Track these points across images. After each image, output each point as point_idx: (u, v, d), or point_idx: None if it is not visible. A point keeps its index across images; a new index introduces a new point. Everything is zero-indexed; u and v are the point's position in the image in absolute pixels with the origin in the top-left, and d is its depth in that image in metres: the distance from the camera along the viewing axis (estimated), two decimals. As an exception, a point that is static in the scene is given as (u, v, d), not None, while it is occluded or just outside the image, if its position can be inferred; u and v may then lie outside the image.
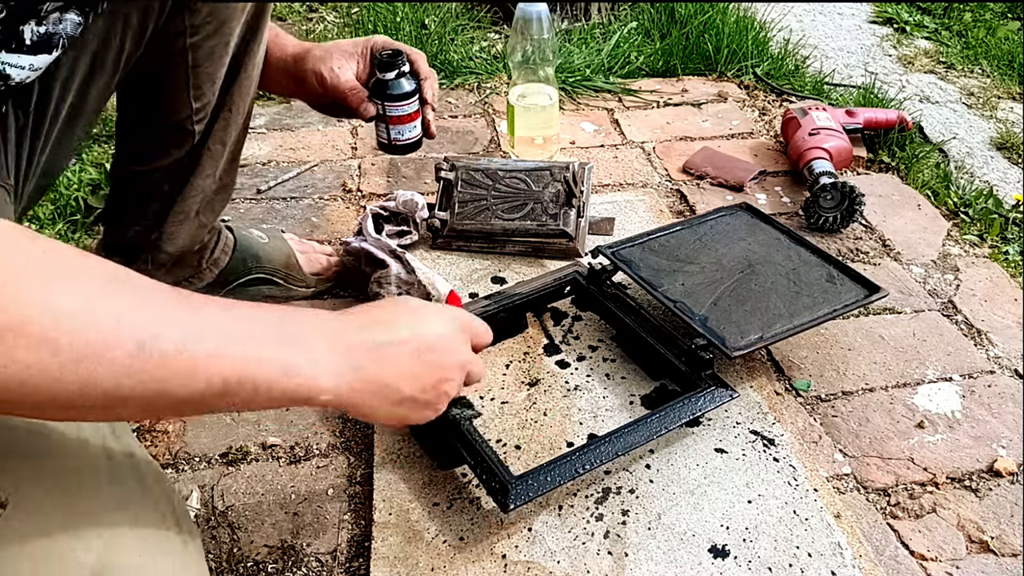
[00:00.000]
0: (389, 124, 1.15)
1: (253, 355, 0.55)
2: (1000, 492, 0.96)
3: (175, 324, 0.52)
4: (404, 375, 0.66)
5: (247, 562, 0.86)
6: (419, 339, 0.67)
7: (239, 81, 1.02)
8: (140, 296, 0.52)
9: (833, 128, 1.55)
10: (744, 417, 1.01)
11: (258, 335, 0.57)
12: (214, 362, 0.53)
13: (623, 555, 0.84)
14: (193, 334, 0.52)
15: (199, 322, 0.54)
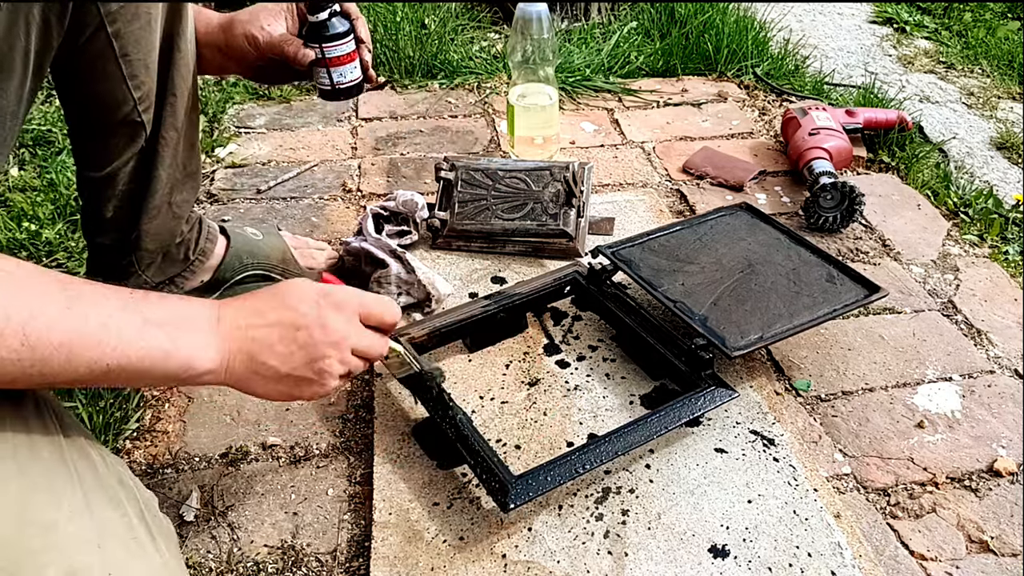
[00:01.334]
0: (330, 67, 1.10)
1: (134, 341, 0.62)
2: (1000, 492, 0.96)
3: (57, 315, 0.59)
4: (275, 354, 0.71)
5: (247, 562, 0.86)
6: (287, 320, 0.71)
7: (174, 62, 1.00)
8: (21, 287, 0.58)
9: (833, 128, 1.55)
10: (744, 417, 1.01)
11: (137, 321, 0.63)
12: (95, 350, 0.60)
13: (623, 555, 0.84)
14: (75, 323, 0.59)
15: (79, 311, 0.60)
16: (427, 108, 1.79)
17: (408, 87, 1.88)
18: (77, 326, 0.59)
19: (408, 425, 0.99)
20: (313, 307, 0.72)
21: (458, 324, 1.08)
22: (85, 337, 0.60)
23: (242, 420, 1.02)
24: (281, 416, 1.03)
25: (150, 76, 0.98)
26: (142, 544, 0.64)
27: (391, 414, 1.00)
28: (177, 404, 1.04)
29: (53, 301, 0.59)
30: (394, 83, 1.88)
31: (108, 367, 0.61)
